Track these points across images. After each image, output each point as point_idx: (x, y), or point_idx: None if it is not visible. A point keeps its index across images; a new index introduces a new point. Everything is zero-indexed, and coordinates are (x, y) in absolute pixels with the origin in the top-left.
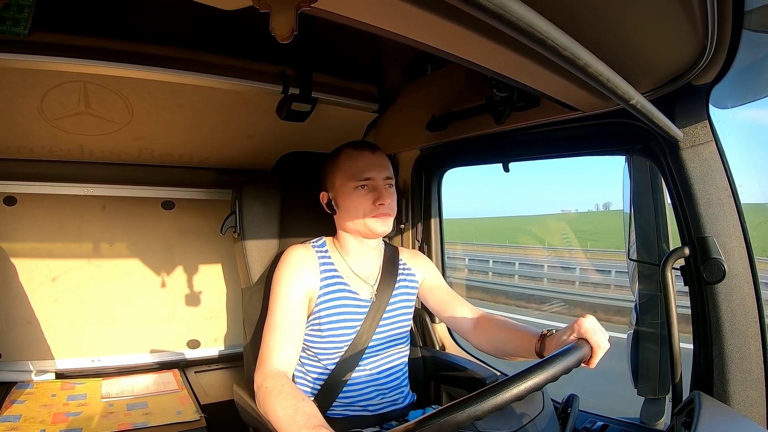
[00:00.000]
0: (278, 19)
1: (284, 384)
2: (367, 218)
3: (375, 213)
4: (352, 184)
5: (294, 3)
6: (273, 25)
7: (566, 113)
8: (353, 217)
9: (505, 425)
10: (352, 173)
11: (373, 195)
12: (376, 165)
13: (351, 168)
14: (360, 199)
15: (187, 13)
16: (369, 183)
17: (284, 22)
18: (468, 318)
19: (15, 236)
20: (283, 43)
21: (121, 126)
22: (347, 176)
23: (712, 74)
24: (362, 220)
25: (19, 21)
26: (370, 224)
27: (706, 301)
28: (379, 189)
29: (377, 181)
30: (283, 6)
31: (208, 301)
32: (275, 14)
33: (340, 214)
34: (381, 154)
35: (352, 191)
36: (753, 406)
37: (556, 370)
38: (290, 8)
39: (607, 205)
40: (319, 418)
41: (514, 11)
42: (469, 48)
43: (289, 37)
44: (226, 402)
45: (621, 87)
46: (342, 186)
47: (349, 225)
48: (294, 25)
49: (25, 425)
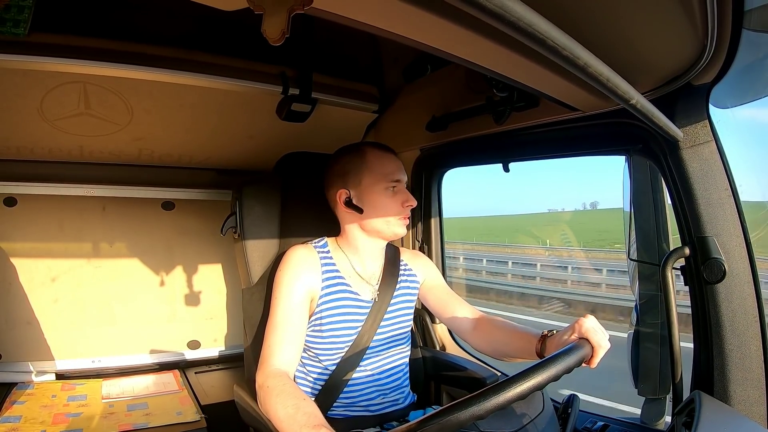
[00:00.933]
0: (270, 20)
1: (285, 383)
2: (393, 218)
3: (403, 215)
4: (384, 184)
5: (287, 6)
6: (265, 27)
7: (566, 113)
8: (380, 216)
9: (506, 425)
10: (385, 174)
11: (401, 197)
12: (402, 169)
13: (382, 168)
14: (389, 200)
15: (187, 13)
16: (398, 185)
17: (276, 24)
18: (468, 319)
19: (15, 237)
20: (283, 44)
21: (121, 127)
22: (378, 176)
23: (712, 74)
24: (386, 220)
25: (19, 22)
26: (395, 225)
27: (707, 301)
28: (406, 192)
29: (403, 183)
30: (276, 8)
31: (209, 302)
32: (268, 16)
33: (367, 212)
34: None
35: (383, 191)
36: (753, 405)
37: (557, 370)
38: (283, 11)
39: (595, 204)
40: (320, 417)
41: (514, 11)
42: (469, 48)
43: (279, 39)
44: (227, 402)
45: (621, 87)
46: (371, 185)
47: (372, 224)
48: (285, 28)
49: (25, 426)
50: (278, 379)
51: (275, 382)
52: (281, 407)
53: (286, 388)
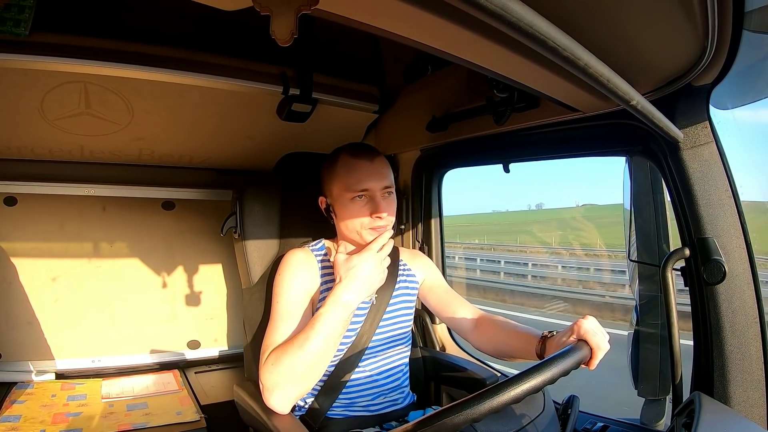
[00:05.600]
0: (278, 22)
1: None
2: (363, 230)
3: (372, 226)
4: (349, 195)
5: (294, 6)
6: (273, 28)
7: (567, 114)
8: (350, 228)
9: (506, 426)
10: (349, 184)
11: (370, 207)
12: (374, 174)
13: (347, 178)
14: (357, 211)
15: (187, 13)
16: (366, 194)
17: (284, 25)
18: (468, 318)
19: (15, 236)
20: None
21: (122, 126)
22: (344, 186)
23: (712, 75)
24: (357, 232)
25: (19, 22)
26: (366, 237)
27: (707, 302)
28: (377, 200)
29: (374, 192)
30: (283, 9)
31: (209, 302)
32: (275, 17)
33: (338, 222)
34: (380, 161)
35: (349, 202)
36: (753, 407)
37: (555, 372)
38: (290, 11)
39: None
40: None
41: (514, 12)
42: (469, 49)
43: (289, 40)
44: (227, 402)
45: (621, 88)
46: (339, 195)
47: (346, 234)
48: (294, 28)
49: (25, 425)
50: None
51: (272, 358)
52: (295, 344)
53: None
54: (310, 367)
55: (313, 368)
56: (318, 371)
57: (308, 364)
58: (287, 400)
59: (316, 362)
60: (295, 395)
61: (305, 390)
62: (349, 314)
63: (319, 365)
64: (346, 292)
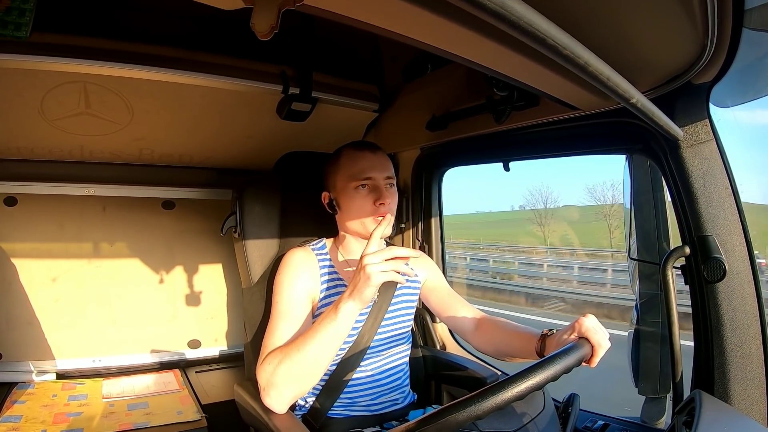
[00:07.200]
0: (260, 15)
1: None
2: (367, 218)
3: (376, 213)
4: (354, 184)
5: (277, 1)
6: (254, 21)
7: (566, 112)
8: (354, 217)
9: (506, 425)
10: (353, 173)
11: (373, 195)
12: (377, 165)
13: (352, 168)
14: (361, 199)
15: (187, 13)
16: (370, 183)
17: (265, 19)
18: (469, 319)
19: (15, 236)
20: (283, 43)
21: (122, 126)
22: (348, 176)
23: (712, 73)
24: (362, 221)
25: (20, 25)
26: (369, 226)
27: (707, 300)
28: (380, 189)
29: (378, 181)
30: (266, 3)
31: (209, 301)
32: (257, 10)
33: (341, 214)
34: (382, 154)
35: (353, 191)
36: (754, 405)
37: (556, 370)
38: (273, 6)
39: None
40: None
41: (514, 10)
42: (469, 47)
43: (268, 34)
44: (227, 402)
45: (621, 86)
46: (343, 186)
47: (349, 225)
48: (275, 23)
49: (26, 426)
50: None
51: (270, 357)
52: (294, 346)
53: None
54: (307, 370)
55: (311, 371)
56: (316, 374)
57: (306, 367)
58: (283, 400)
59: (314, 366)
60: (291, 396)
61: (303, 391)
62: (352, 321)
63: (317, 369)
64: (353, 301)
